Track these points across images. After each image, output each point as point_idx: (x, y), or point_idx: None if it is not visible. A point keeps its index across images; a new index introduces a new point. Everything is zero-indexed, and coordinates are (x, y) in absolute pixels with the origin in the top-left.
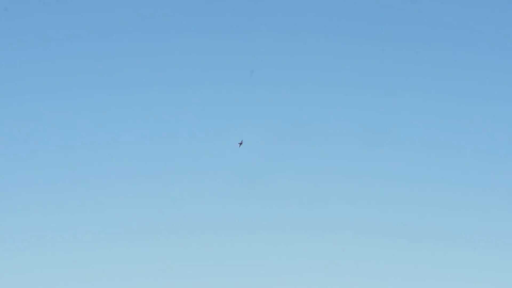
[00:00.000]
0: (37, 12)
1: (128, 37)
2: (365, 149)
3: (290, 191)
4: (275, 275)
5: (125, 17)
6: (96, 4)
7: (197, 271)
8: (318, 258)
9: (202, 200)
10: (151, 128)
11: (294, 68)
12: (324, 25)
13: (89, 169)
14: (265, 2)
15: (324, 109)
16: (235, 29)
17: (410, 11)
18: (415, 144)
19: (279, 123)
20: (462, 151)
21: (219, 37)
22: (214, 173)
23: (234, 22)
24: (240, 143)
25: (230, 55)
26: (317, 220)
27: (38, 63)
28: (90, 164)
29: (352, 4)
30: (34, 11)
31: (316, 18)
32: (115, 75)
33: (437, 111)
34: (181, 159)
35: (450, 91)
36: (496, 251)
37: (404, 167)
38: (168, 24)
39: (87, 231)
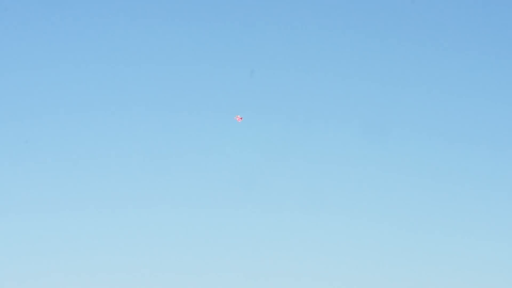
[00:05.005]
0: (37, 12)
1: (128, 37)
2: (366, 146)
3: (289, 189)
4: (275, 275)
5: (125, 17)
6: (95, 2)
7: (196, 271)
8: (318, 257)
9: (201, 199)
10: (151, 128)
11: (294, 67)
12: (324, 22)
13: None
14: (265, 2)
15: (324, 108)
16: (235, 28)
17: (410, 8)
18: (416, 141)
19: (278, 123)
20: (462, 147)
21: (219, 37)
22: (214, 172)
23: (234, 22)
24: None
25: (230, 55)
26: (317, 219)
27: (38, 63)
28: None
29: (353, 1)
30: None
31: (316, 15)
32: (114, 75)
33: (438, 107)
34: (180, 159)
35: (451, 88)
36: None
37: (405, 164)
38: (167, 24)
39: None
